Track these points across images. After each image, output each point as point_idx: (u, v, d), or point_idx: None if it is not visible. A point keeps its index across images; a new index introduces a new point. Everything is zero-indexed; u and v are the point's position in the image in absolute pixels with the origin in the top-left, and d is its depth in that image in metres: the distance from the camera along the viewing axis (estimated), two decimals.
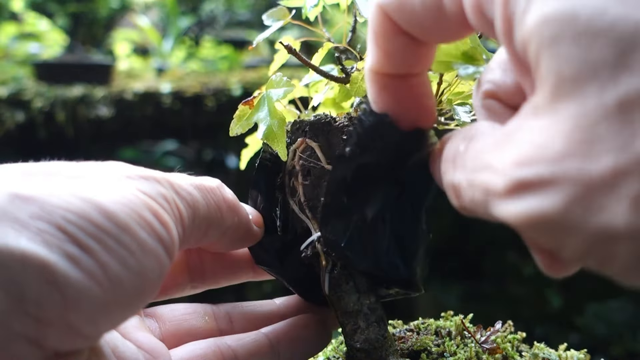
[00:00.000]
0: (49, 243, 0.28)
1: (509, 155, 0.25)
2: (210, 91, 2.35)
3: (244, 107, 0.50)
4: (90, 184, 0.32)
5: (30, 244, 0.27)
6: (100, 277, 0.29)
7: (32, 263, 0.27)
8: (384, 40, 0.34)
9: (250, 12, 3.81)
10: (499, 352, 0.51)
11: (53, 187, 0.30)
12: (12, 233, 0.27)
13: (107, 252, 0.30)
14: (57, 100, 2.17)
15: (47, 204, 0.29)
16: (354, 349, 0.46)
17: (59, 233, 0.28)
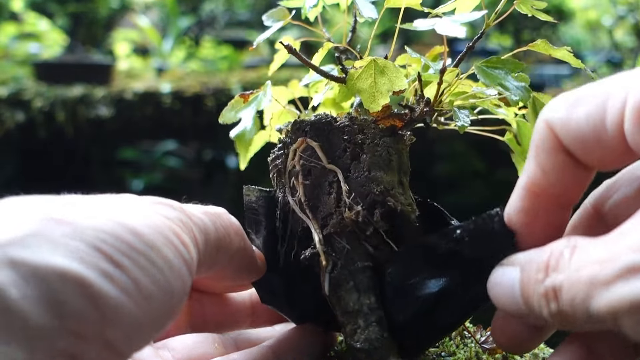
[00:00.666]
0: (84, 260, 0.29)
1: (624, 245, 0.27)
2: (210, 91, 2.36)
3: (239, 98, 0.50)
4: (118, 208, 0.34)
5: (67, 261, 0.29)
6: (133, 293, 0.31)
7: (70, 279, 0.28)
8: (545, 155, 0.35)
9: (250, 12, 3.81)
10: (499, 352, 0.51)
11: (84, 211, 0.32)
12: (48, 252, 0.28)
13: (139, 269, 0.31)
14: (57, 100, 2.17)
15: (80, 225, 0.31)
16: (354, 349, 0.46)
17: (94, 251, 0.30)
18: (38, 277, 0.28)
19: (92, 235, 0.30)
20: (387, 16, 0.51)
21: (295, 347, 0.50)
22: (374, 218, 0.47)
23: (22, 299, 0.27)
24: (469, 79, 0.50)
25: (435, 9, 0.48)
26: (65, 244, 0.29)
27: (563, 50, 0.48)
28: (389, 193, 0.48)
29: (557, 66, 2.97)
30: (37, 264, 0.28)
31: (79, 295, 0.28)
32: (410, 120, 0.49)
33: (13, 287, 0.27)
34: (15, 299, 0.27)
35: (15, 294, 0.27)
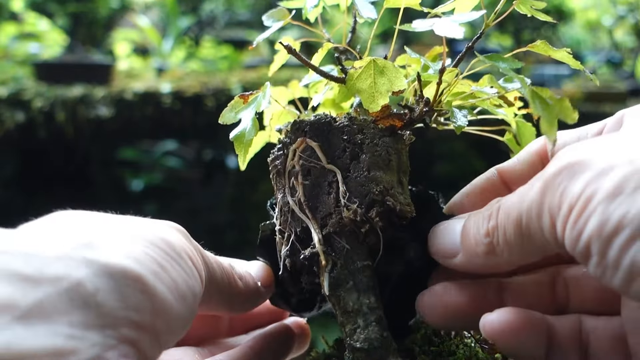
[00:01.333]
0: (140, 261, 0.36)
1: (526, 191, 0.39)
2: (210, 91, 2.36)
3: (239, 99, 0.50)
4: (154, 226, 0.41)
5: (128, 262, 0.35)
6: (173, 291, 0.37)
7: (131, 276, 0.34)
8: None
9: (250, 12, 3.81)
10: (499, 351, 0.51)
11: (134, 225, 0.39)
12: (114, 253, 0.35)
13: (176, 272, 0.38)
14: (57, 100, 2.17)
15: (133, 235, 0.38)
16: (354, 349, 0.46)
17: (145, 255, 0.36)
18: (107, 274, 0.33)
19: (142, 243, 0.37)
20: (386, 16, 0.51)
21: (273, 343, 0.53)
22: (372, 217, 0.47)
23: (96, 292, 0.32)
24: (469, 79, 0.51)
25: (434, 9, 0.48)
26: (125, 248, 0.36)
27: (562, 51, 0.48)
28: (388, 193, 0.48)
29: (557, 66, 2.97)
30: (106, 263, 0.34)
31: (138, 290, 0.34)
32: (410, 120, 0.50)
33: (89, 282, 0.32)
34: (92, 292, 0.32)
35: (91, 288, 0.32)
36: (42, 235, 0.36)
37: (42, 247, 0.33)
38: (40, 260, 0.32)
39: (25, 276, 0.31)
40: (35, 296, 0.30)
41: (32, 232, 0.36)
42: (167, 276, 0.37)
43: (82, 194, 2.68)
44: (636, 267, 0.31)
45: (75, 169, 2.64)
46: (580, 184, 0.33)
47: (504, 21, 0.49)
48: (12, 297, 0.29)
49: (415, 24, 0.46)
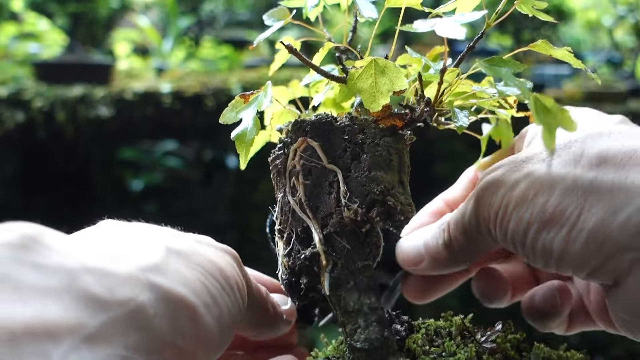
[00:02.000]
0: (195, 291, 0.37)
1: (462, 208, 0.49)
2: (210, 91, 2.35)
3: (240, 99, 0.50)
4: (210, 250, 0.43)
5: (185, 290, 0.36)
6: (219, 321, 0.38)
7: (184, 305, 0.36)
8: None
9: (250, 12, 3.81)
10: (500, 352, 0.51)
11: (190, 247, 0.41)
12: (174, 280, 0.36)
13: (224, 303, 0.40)
14: (57, 100, 2.17)
15: (191, 261, 0.39)
16: (354, 349, 0.46)
17: (201, 285, 0.38)
18: (165, 300, 0.35)
19: (201, 272, 0.39)
20: (387, 16, 0.51)
21: None
22: (373, 217, 0.47)
23: (154, 317, 0.34)
24: (470, 79, 0.50)
25: (435, 9, 0.48)
26: (186, 276, 0.37)
27: (563, 50, 0.48)
28: (389, 192, 0.48)
29: (557, 66, 2.97)
30: (167, 288, 0.35)
31: (189, 318, 0.36)
32: (411, 120, 0.49)
33: (150, 306, 0.34)
34: (150, 316, 0.33)
35: (151, 312, 0.33)
36: (114, 249, 0.37)
37: (115, 265, 0.34)
38: (112, 280, 0.33)
39: (97, 297, 0.32)
40: (102, 318, 0.31)
41: (105, 245, 0.38)
42: (216, 307, 0.38)
43: (82, 194, 2.68)
44: (547, 250, 0.42)
45: (75, 169, 2.64)
46: (498, 197, 0.44)
47: (504, 21, 0.49)
48: (81, 319, 0.30)
49: (416, 24, 0.46)
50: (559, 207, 0.41)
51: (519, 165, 0.46)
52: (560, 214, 0.41)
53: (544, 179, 0.43)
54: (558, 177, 0.42)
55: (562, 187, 0.42)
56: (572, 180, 0.42)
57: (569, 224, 0.41)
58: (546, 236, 0.42)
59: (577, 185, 0.41)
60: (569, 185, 0.42)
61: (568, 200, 0.41)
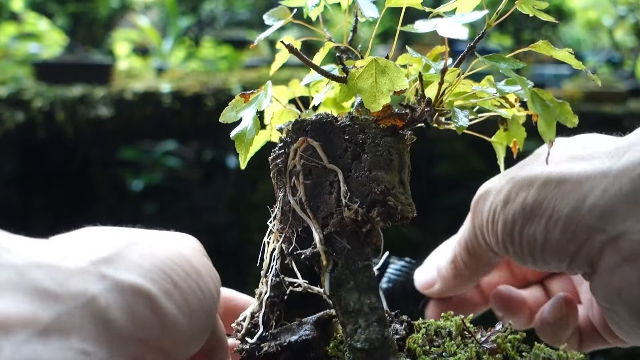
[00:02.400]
0: (153, 280, 0.36)
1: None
2: (210, 91, 2.35)
3: (240, 98, 0.50)
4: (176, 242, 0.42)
5: (140, 279, 0.35)
6: (184, 309, 0.37)
7: (142, 294, 0.35)
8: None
9: (250, 12, 3.81)
10: (500, 352, 0.51)
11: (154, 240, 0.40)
12: (128, 270, 0.35)
13: (190, 290, 0.38)
14: (57, 100, 2.16)
15: (148, 251, 0.38)
16: (355, 349, 0.46)
17: (161, 272, 0.37)
18: (119, 290, 0.34)
19: (160, 260, 0.38)
20: (387, 16, 0.51)
21: None
22: (373, 217, 0.47)
23: (107, 308, 0.33)
24: (470, 79, 0.50)
25: (436, 9, 0.48)
26: (141, 265, 0.36)
27: (564, 51, 0.48)
28: (390, 192, 0.48)
29: (557, 66, 2.97)
30: (119, 279, 0.34)
31: (147, 308, 0.35)
32: (411, 120, 0.49)
33: (102, 297, 0.33)
34: (103, 307, 0.32)
35: (103, 303, 0.33)
36: (67, 248, 0.36)
37: (65, 261, 0.34)
38: (62, 274, 0.32)
39: (47, 290, 0.31)
40: (55, 311, 0.30)
41: (58, 244, 0.37)
42: (178, 294, 0.37)
43: (82, 194, 2.67)
44: (531, 243, 0.47)
45: (75, 169, 2.64)
46: (488, 204, 0.50)
47: (504, 21, 0.49)
48: (34, 313, 0.30)
49: (417, 24, 0.46)
50: (537, 201, 0.46)
51: (506, 174, 0.51)
52: (538, 207, 0.46)
53: (524, 179, 0.48)
54: (534, 176, 0.47)
55: (539, 184, 0.46)
56: (547, 176, 0.46)
57: (546, 215, 0.45)
58: (529, 230, 0.46)
59: (551, 180, 0.45)
60: (544, 180, 0.46)
61: (544, 194, 0.45)
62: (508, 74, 0.45)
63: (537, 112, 0.41)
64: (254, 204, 2.45)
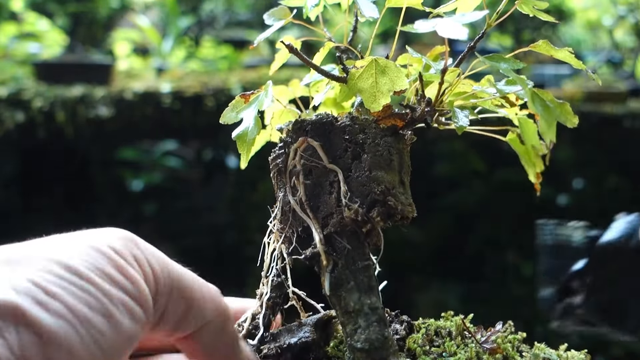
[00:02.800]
0: (22, 292, 0.33)
1: None
2: (210, 91, 2.35)
3: (240, 99, 0.50)
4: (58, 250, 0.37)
5: (5, 293, 0.32)
6: (69, 317, 0.33)
7: (8, 308, 0.31)
8: None
9: (250, 12, 3.81)
10: (500, 352, 0.51)
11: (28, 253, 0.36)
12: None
13: (73, 297, 0.34)
14: (57, 100, 2.16)
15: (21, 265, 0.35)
16: (355, 349, 0.46)
17: (30, 284, 0.33)
18: None
19: (30, 272, 0.34)
20: (387, 16, 0.51)
21: None
22: (373, 217, 0.47)
23: None
24: (470, 79, 0.50)
25: (436, 9, 0.48)
26: (8, 279, 0.33)
27: (564, 51, 0.48)
28: (390, 193, 0.47)
29: (557, 66, 2.97)
30: None
31: (17, 323, 0.31)
32: (412, 120, 0.49)
33: None
34: None
35: None
36: None
37: None
38: None
39: None
40: None
41: None
42: (57, 303, 0.33)
43: (82, 194, 2.67)
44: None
45: (75, 169, 2.64)
46: None
47: (504, 21, 0.49)
48: None
49: (417, 24, 0.46)
50: None
51: None
52: None
53: None
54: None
55: None
56: None
57: None
58: None
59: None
60: None
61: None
62: (508, 74, 0.45)
63: (537, 112, 0.41)
64: (254, 204, 2.45)
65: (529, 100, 0.42)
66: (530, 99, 0.42)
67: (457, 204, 2.68)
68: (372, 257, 0.50)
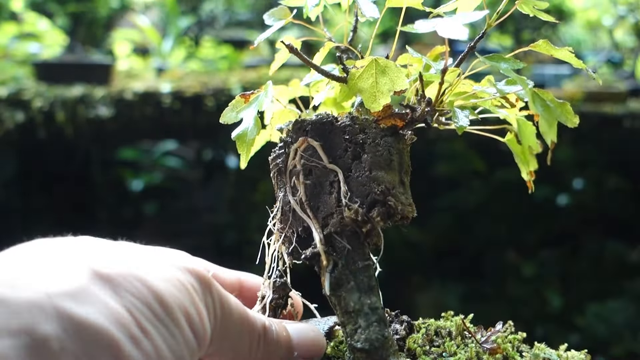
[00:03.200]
0: (119, 323, 0.31)
1: None
2: (210, 91, 2.36)
3: (240, 98, 0.50)
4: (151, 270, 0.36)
5: (105, 321, 0.31)
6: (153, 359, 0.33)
7: (105, 338, 0.30)
8: None
9: (250, 12, 3.81)
10: (500, 352, 0.51)
11: (124, 271, 0.34)
12: (92, 309, 0.31)
13: (161, 337, 0.34)
14: (57, 100, 2.16)
15: (120, 287, 0.33)
16: (355, 349, 0.46)
17: (128, 315, 0.32)
18: (78, 332, 0.30)
19: (128, 300, 0.33)
20: (387, 16, 0.51)
21: None
22: (373, 217, 0.47)
23: (60, 352, 0.29)
24: (470, 79, 0.50)
25: (436, 9, 0.48)
26: (106, 303, 0.32)
27: (564, 50, 0.48)
28: (390, 193, 0.47)
29: (557, 66, 2.97)
30: (80, 319, 0.30)
31: (109, 354, 0.30)
32: (412, 120, 0.49)
33: (55, 339, 0.29)
34: (55, 351, 0.28)
35: (56, 347, 0.28)
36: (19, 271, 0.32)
37: (15, 290, 0.29)
38: (9, 307, 0.28)
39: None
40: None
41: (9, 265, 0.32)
42: (148, 343, 0.33)
43: (82, 194, 2.67)
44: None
45: (75, 169, 2.64)
46: None
47: (504, 21, 0.49)
48: None
49: (417, 25, 0.46)
50: None
51: None
52: None
53: None
54: None
55: None
56: None
57: None
58: None
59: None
60: None
61: None
62: (508, 74, 0.45)
63: (538, 112, 0.41)
64: (254, 204, 2.45)
65: (530, 100, 0.41)
66: (531, 99, 0.41)
67: (457, 204, 2.68)
68: (372, 257, 0.50)
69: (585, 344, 0.59)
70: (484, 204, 2.65)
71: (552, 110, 0.42)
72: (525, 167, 0.54)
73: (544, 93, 0.44)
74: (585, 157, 2.65)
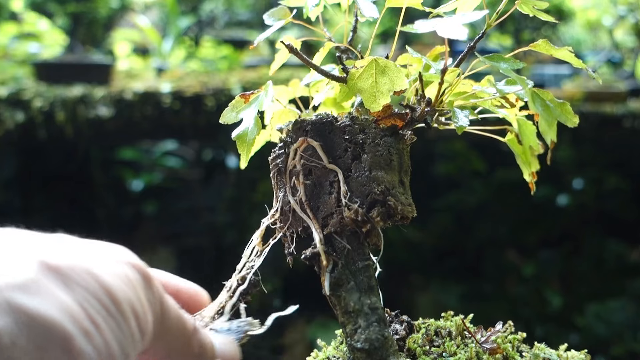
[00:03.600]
0: (72, 317, 0.31)
1: None
2: (210, 91, 2.35)
3: (240, 99, 0.50)
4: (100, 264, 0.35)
5: (58, 315, 0.30)
6: (103, 353, 0.32)
7: (57, 332, 0.30)
8: None
9: (250, 12, 3.81)
10: (500, 352, 0.51)
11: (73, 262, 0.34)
12: (43, 302, 0.30)
13: (111, 333, 0.33)
14: (57, 100, 2.16)
15: (70, 280, 0.32)
16: (355, 349, 0.46)
17: (79, 309, 0.31)
18: (30, 326, 0.29)
19: (79, 293, 0.32)
20: (387, 16, 0.51)
21: None
22: (373, 217, 0.47)
23: (11, 346, 0.28)
24: (470, 79, 0.50)
25: (436, 9, 0.48)
26: (58, 296, 0.31)
27: (564, 50, 0.48)
28: (390, 193, 0.47)
29: (557, 66, 2.97)
30: (32, 312, 0.29)
31: (61, 348, 0.30)
32: (411, 120, 0.49)
33: (7, 333, 0.28)
34: (7, 345, 0.28)
35: (7, 341, 0.28)
36: None
37: None
38: None
39: None
40: None
41: None
42: (99, 337, 0.32)
43: (82, 194, 2.67)
44: None
45: (75, 169, 2.64)
46: None
47: (504, 21, 0.49)
48: None
49: (417, 25, 0.46)
50: None
51: None
52: None
53: None
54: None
55: None
56: None
57: None
58: None
59: None
60: None
61: None
62: (508, 74, 0.45)
63: (537, 112, 0.41)
64: (254, 204, 2.45)
65: (530, 100, 0.42)
66: (531, 99, 0.42)
67: (457, 204, 2.68)
68: (372, 257, 0.50)
69: (585, 344, 0.59)
70: (484, 204, 2.65)
71: (551, 110, 0.42)
72: (527, 168, 0.54)
73: (543, 93, 0.44)
74: (585, 157, 2.65)
